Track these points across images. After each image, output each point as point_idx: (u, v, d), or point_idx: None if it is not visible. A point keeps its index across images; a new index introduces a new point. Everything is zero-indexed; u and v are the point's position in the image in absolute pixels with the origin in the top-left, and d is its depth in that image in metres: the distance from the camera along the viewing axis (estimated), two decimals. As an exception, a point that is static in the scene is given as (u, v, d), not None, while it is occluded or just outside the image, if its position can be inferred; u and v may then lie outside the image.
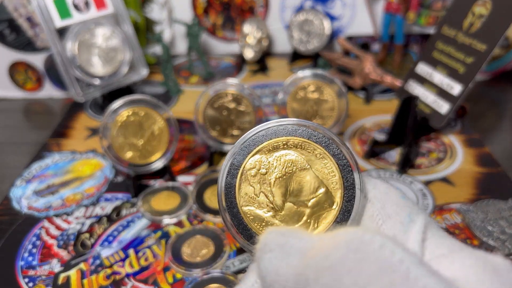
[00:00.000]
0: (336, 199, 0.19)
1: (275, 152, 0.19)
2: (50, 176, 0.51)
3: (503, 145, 0.55)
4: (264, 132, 0.19)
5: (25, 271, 0.39)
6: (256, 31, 0.73)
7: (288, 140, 0.19)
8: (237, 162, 0.19)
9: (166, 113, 0.47)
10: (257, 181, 0.19)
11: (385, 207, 0.18)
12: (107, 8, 0.60)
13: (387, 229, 0.18)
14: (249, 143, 0.19)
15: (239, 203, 0.20)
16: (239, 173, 0.19)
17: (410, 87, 0.58)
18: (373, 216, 0.18)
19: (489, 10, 0.50)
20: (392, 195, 0.19)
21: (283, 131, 0.19)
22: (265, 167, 0.19)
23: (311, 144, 0.19)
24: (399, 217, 0.18)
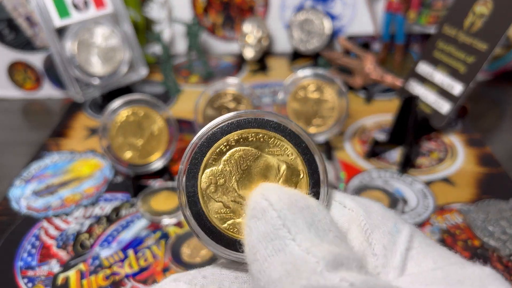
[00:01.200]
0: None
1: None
2: (49, 176, 0.51)
3: (504, 144, 0.55)
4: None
5: (24, 271, 0.39)
6: (256, 30, 0.73)
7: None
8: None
9: (165, 113, 0.47)
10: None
11: (371, 217, 0.18)
12: (106, 7, 0.60)
13: (376, 239, 0.17)
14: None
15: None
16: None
17: (410, 87, 0.58)
18: (360, 226, 0.18)
19: (490, 9, 0.50)
20: (374, 205, 0.19)
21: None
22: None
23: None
24: (386, 227, 0.17)
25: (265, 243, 0.15)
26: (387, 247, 0.17)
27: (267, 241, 0.15)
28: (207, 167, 0.19)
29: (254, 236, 0.16)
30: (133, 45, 0.62)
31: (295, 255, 0.15)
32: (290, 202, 0.16)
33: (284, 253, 0.15)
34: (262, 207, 0.16)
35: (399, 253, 0.17)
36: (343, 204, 0.19)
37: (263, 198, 0.16)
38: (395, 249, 0.17)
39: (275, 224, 0.15)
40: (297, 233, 0.15)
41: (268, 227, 0.15)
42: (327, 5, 0.75)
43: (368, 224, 0.18)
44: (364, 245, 0.17)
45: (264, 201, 0.16)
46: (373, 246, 0.17)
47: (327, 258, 0.14)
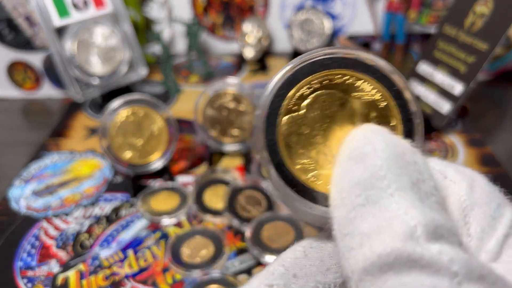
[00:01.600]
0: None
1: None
2: (49, 176, 0.50)
3: (504, 144, 0.55)
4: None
5: (24, 271, 0.39)
6: (256, 30, 0.73)
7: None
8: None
9: (165, 113, 0.47)
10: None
11: (474, 192, 0.16)
12: (106, 7, 0.60)
13: (474, 218, 0.15)
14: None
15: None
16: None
17: (411, 86, 0.58)
18: (460, 201, 0.16)
19: (490, 9, 0.50)
20: (480, 180, 0.17)
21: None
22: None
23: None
24: (488, 207, 0.16)
25: (359, 190, 0.14)
26: (485, 230, 0.15)
27: (361, 189, 0.13)
28: (288, 112, 0.17)
29: (347, 179, 0.14)
30: (133, 45, 0.62)
31: (391, 212, 0.13)
32: (397, 153, 0.14)
33: (379, 207, 0.13)
34: (364, 151, 0.14)
35: (495, 238, 0.15)
36: (444, 174, 0.16)
37: (367, 141, 0.14)
38: (493, 234, 0.15)
39: (376, 172, 0.13)
40: (397, 189, 0.13)
41: (366, 173, 0.14)
42: (327, 4, 0.75)
43: (469, 200, 0.16)
44: (460, 223, 0.15)
45: (369, 145, 0.14)
46: (469, 226, 0.15)
47: (427, 224, 0.13)
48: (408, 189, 0.13)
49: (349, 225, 0.13)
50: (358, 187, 0.14)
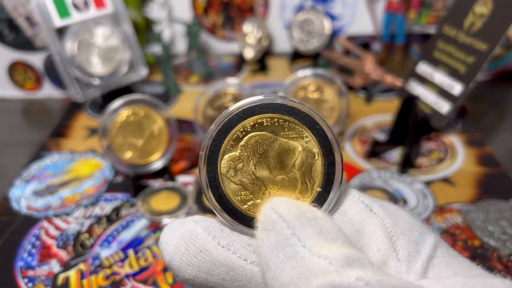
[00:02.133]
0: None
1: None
2: (49, 176, 0.51)
3: (504, 144, 0.55)
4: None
5: (24, 271, 0.39)
6: (256, 30, 0.73)
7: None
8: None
9: (165, 113, 0.47)
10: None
11: (398, 224, 0.18)
12: (106, 7, 0.60)
13: (401, 245, 0.18)
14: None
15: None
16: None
17: (410, 87, 0.58)
18: (386, 232, 0.18)
19: (490, 9, 0.50)
20: (402, 214, 0.19)
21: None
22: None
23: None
24: (412, 235, 0.18)
25: (277, 251, 0.16)
26: (412, 254, 0.17)
27: (278, 250, 0.16)
28: (225, 152, 0.19)
29: (266, 246, 0.16)
30: (133, 45, 0.62)
31: (306, 259, 0.15)
32: (298, 213, 0.17)
33: (296, 259, 0.15)
34: (272, 220, 0.17)
35: (420, 260, 0.17)
36: (369, 207, 0.19)
37: (272, 211, 0.17)
38: (418, 257, 0.17)
39: (285, 233, 0.16)
40: (306, 240, 0.16)
41: (278, 237, 0.16)
42: (327, 5, 0.75)
43: (394, 231, 0.18)
44: (389, 250, 0.18)
45: (274, 214, 0.17)
46: (398, 252, 0.18)
47: (339, 258, 0.15)
48: (315, 238, 0.16)
49: (277, 282, 0.16)
50: (276, 249, 0.16)
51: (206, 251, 0.18)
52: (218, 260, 0.18)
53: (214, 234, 0.19)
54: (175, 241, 0.19)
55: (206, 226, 0.19)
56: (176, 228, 0.19)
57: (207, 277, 0.19)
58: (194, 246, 0.18)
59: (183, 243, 0.19)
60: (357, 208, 0.20)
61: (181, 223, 0.19)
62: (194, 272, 0.19)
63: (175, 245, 0.19)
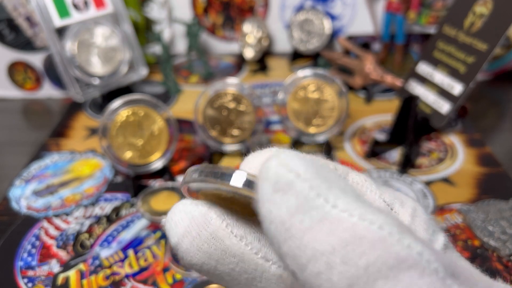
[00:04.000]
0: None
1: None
2: (49, 176, 0.51)
3: (504, 144, 0.55)
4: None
5: (24, 271, 0.39)
6: (256, 30, 0.73)
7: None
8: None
9: (165, 113, 0.47)
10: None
11: (415, 220, 0.17)
12: (106, 7, 0.60)
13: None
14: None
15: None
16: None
17: (410, 87, 0.58)
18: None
19: (490, 9, 0.50)
20: (419, 210, 0.18)
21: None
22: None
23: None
24: (426, 233, 0.17)
25: (301, 215, 0.13)
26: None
27: (302, 213, 0.13)
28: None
29: (283, 211, 0.13)
30: (133, 45, 0.62)
31: (346, 221, 0.12)
32: (318, 169, 0.14)
33: (330, 222, 0.13)
34: (288, 180, 0.13)
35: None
36: (391, 206, 0.18)
37: (287, 170, 0.13)
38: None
39: (308, 195, 0.13)
40: (337, 199, 0.13)
41: (300, 199, 0.13)
42: (327, 5, 0.75)
43: (411, 227, 0.17)
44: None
45: (289, 173, 0.13)
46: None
47: (391, 224, 0.12)
48: (344, 195, 0.13)
49: (306, 252, 0.13)
50: (299, 214, 0.13)
51: (219, 238, 0.17)
52: (230, 249, 0.17)
53: (228, 221, 0.17)
54: (186, 223, 0.17)
55: (221, 212, 0.17)
56: (188, 210, 0.17)
57: (216, 265, 0.17)
58: (206, 232, 0.17)
59: (195, 226, 0.17)
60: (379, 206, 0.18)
61: (193, 205, 0.17)
62: (204, 258, 0.17)
63: (186, 227, 0.17)
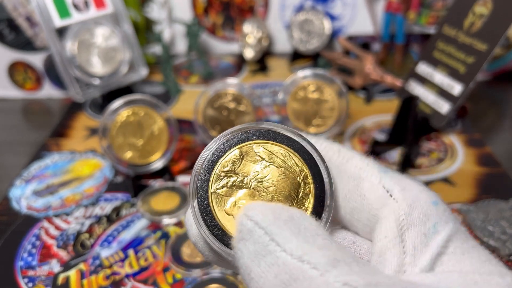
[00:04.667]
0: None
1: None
2: (49, 176, 0.51)
3: (504, 144, 0.55)
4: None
5: (25, 271, 0.39)
6: (256, 31, 0.73)
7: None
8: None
9: (165, 113, 0.47)
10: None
11: (412, 213, 0.18)
12: (106, 7, 0.60)
13: (408, 236, 0.17)
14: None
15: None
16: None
17: (410, 87, 0.58)
18: (398, 220, 0.18)
19: (489, 9, 0.50)
20: (422, 200, 0.18)
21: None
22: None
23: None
24: (424, 226, 0.17)
25: (257, 260, 0.15)
26: (417, 247, 0.17)
27: (259, 259, 0.15)
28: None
29: (246, 257, 0.16)
30: (133, 45, 0.62)
31: (289, 265, 0.15)
32: (274, 217, 0.16)
33: (278, 266, 0.15)
34: (248, 228, 0.16)
35: (429, 256, 0.17)
36: (390, 193, 0.18)
37: (247, 219, 0.16)
38: (425, 251, 0.17)
39: (264, 241, 0.16)
40: (285, 243, 0.15)
41: (257, 245, 0.16)
42: (327, 5, 0.75)
43: (406, 220, 0.17)
44: (397, 240, 0.17)
45: (249, 221, 0.16)
46: (404, 243, 0.17)
47: (322, 261, 0.14)
48: (294, 240, 0.15)
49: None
50: (256, 259, 0.16)
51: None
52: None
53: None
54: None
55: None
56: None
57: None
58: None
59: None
60: (376, 192, 0.19)
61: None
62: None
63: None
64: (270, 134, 0.19)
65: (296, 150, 0.19)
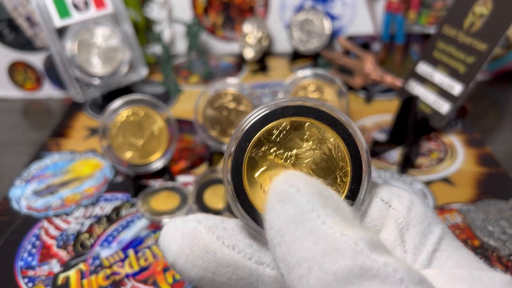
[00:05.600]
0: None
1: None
2: (49, 176, 0.51)
3: (504, 144, 0.55)
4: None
5: (25, 271, 0.39)
6: (256, 30, 0.73)
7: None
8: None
9: (165, 113, 0.47)
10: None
11: (410, 215, 0.19)
12: (106, 7, 0.60)
13: (408, 237, 0.18)
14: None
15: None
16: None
17: (410, 87, 0.58)
18: (398, 222, 0.19)
19: (489, 9, 0.50)
20: (416, 204, 0.19)
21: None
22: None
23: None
24: (421, 226, 0.18)
25: (294, 225, 0.15)
26: (417, 246, 0.18)
27: (296, 224, 0.15)
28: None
29: (281, 219, 0.16)
30: (133, 45, 0.62)
31: (330, 236, 0.15)
32: (315, 189, 0.16)
33: (317, 234, 0.15)
34: (289, 192, 0.16)
35: (426, 252, 0.18)
36: (389, 204, 0.19)
37: (289, 184, 0.16)
38: (423, 248, 0.18)
39: (304, 208, 0.15)
40: (327, 216, 0.15)
41: (297, 210, 0.15)
42: (327, 5, 0.75)
43: (405, 222, 0.18)
44: (398, 241, 0.18)
45: (291, 187, 0.16)
46: (405, 243, 0.18)
47: (364, 239, 0.14)
48: (335, 215, 0.15)
49: (294, 257, 0.15)
50: (293, 223, 0.15)
51: (211, 251, 0.18)
52: (224, 260, 0.18)
53: (218, 234, 0.19)
54: (178, 241, 0.18)
55: (209, 226, 0.19)
56: (178, 227, 0.19)
57: (213, 277, 0.18)
58: (198, 247, 0.18)
59: (186, 243, 0.18)
60: (376, 206, 0.19)
61: (183, 222, 0.19)
62: (200, 272, 0.18)
63: (179, 245, 0.18)
64: (328, 119, 0.19)
65: (348, 144, 0.19)
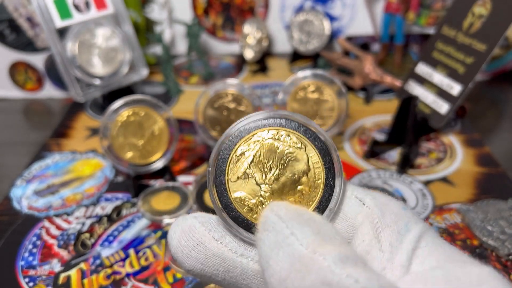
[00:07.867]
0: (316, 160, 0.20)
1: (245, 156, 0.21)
2: (50, 176, 0.51)
3: (503, 144, 0.55)
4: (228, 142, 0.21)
5: (26, 271, 0.39)
6: (256, 31, 0.73)
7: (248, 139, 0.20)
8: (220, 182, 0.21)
9: (166, 113, 0.47)
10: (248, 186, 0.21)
11: (385, 216, 0.19)
12: (107, 8, 0.60)
13: (384, 236, 0.19)
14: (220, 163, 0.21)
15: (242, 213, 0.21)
16: (227, 190, 0.21)
17: (410, 87, 0.58)
18: (373, 223, 0.19)
19: (489, 10, 0.50)
20: (392, 205, 0.20)
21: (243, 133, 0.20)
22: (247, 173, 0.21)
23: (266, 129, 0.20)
24: (396, 226, 0.19)
25: (276, 250, 0.17)
26: (393, 245, 0.18)
27: (278, 248, 0.17)
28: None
29: (266, 245, 0.17)
30: (133, 45, 0.62)
31: (303, 256, 0.16)
32: (296, 215, 0.18)
33: (293, 256, 0.16)
34: (272, 221, 0.18)
35: (405, 251, 0.18)
36: (362, 201, 0.21)
37: (272, 213, 0.18)
38: (401, 247, 0.18)
39: (284, 233, 0.17)
40: (304, 238, 0.17)
41: (278, 236, 0.17)
42: (326, 6, 0.76)
43: (380, 222, 0.19)
44: (374, 241, 0.19)
45: (274, 215, 0.18)
46: (381, 243, 0.19)
47: (332, 254, 0.16)
48: (312, 236, 0.17)
49: (276, 279, 0.17)
50: (276, 248, 0.17)
51: (202, 244, 0.20)
52: (212, 252, 0.20)
53: (209, 228, 0.20)
54: (177, 235, 0.20)
55: (204, 221, 0.21)
56: (179, 223, 0.21)
57: (203, 268, 0.20)
58: (192, 240, 0.20)
59: (183, 237, 0.20)
60: (350, 203, 0.21)
61: (183, 219, 0.21)
62: (193, 263, 0.20)
63: (178, 239, 0.20)
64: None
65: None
